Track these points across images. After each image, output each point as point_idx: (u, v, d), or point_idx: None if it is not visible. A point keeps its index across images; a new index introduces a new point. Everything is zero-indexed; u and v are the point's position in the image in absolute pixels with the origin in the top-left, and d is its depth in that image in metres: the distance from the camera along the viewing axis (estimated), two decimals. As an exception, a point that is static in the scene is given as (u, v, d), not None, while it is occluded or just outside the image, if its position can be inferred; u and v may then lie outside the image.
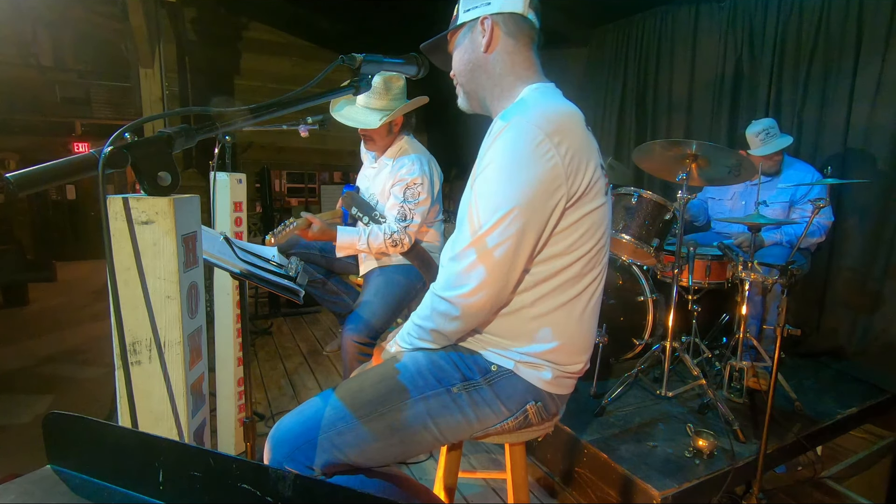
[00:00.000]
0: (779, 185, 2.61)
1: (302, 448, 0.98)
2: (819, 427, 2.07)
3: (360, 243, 2.03)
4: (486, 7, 1.06)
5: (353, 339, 1.90)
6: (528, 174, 0.92)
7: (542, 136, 0.91)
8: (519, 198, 0.92)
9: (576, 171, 0.94)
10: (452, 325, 1.01)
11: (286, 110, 0.82)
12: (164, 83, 4.07)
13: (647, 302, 2.48)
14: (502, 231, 0.92)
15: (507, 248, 0.93)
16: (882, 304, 2.58)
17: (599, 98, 4.06)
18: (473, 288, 0.95)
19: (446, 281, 0.99)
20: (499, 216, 0.92)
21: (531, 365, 1.02)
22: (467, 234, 0.96)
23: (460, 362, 1.04)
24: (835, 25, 2.70)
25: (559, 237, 0.97)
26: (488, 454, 2.13)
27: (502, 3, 1.06)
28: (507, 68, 1.07)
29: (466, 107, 1.17)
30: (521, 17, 1.07)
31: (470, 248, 0.95)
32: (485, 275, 0.94)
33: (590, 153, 0.98)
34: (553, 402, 1.07)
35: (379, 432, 0.99)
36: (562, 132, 0.93)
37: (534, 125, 0.92)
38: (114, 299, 0.68)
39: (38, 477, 0.49)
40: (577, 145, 0.94)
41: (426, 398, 1.01)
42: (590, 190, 0.97)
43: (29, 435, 2.30)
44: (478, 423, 1.03)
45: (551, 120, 0.94)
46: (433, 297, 1.02)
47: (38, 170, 0.58)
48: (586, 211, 0.97)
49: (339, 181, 5.73)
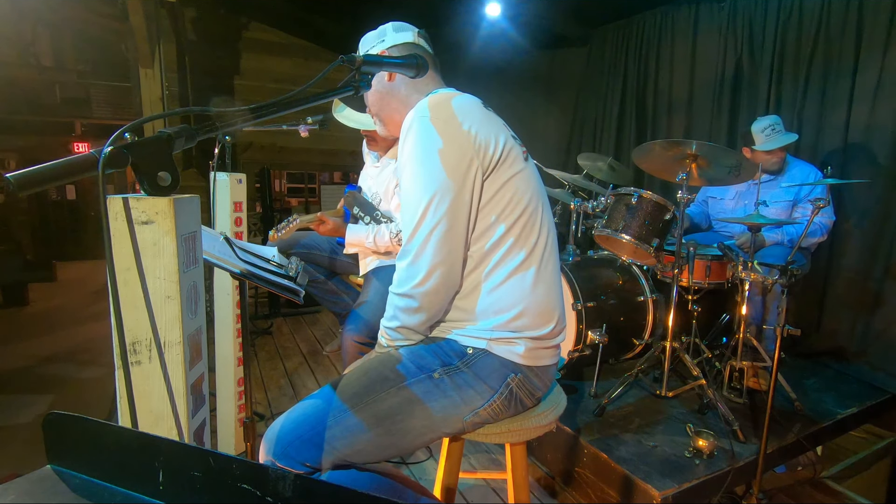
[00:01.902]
0: (781, 184, 2.61)
1: (294, 444, 1.00)
2: (819, 427, 2.07)
3: (367, 241, 2.05)
4: (381, 44, 1.23)
5: (353, 338, 1.90)
6: (440, 158, 1.01)
7: (442, 123, 1.01)
8: (438, 180, 1.00)
9: (484, 143, 1.03)
10: (415, 317, 1.07)
11: (286, 110, 0.82)
12: (164, 83, 4.08)
13: (647, 302, 2.48)
14: (433, 214, 1.01)
15: (442, 228, 1.01)
16: (882, 304, 2.58)
17: (599, 98, 4.06)
18: (424, 275, 1.02)
19: (399, 278, 1.07)
20: (425, 203, 1.01)
21: (503, 341, 1.06)
22: (407, 229, 1.05)
23: (438, 350, 1.09)
24: (835, 25, 2.70)
25: (488, 209, 1.05)
26: (488, 454, 2.13)
27: (394, 38, 1.23)
28: (410, 88, 1.21)
29: (385, 133, 1.29)
30: (412, 45, 1.23)
31: (411, 240, 1.03)
32: (431, 259, 1.01)
33: (495, 127, 1.08)
34: (536, 375, 1.10)
35: (365, 423, 1.01)
36: (460, 114, 1.03)
37: (433, 116, 1.02)
38: (114, 299, 0.68)
39: (38, 477, 0.49)
40: (478, 121, 1.04)
41: (408, 385, 1.04)
42: (504, 158, 1.05)
43: (29, 435, 2.30)
44: (465, 406, 1.05)
45: (447, 107, 1.04)
46: (392, 297, 1.09)
47: (38, 170, 0.58)
48: (506, 178, 1.06)
49: (340, 181, 5.73)
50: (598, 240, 2.44)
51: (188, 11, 4.44)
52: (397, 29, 1.24)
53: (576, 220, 2.65)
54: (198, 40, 4.53)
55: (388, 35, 1.23)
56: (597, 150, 3.98)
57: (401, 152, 1.06)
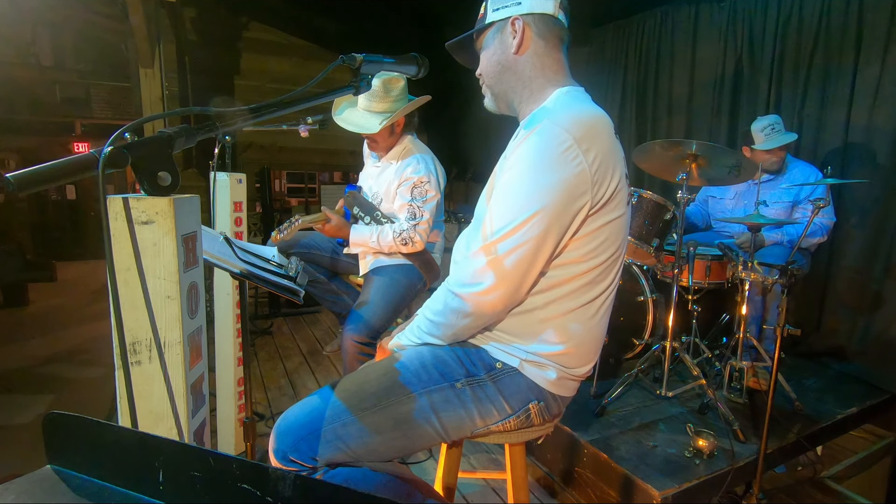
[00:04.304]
0: (781, 184, 2.61)
1: (306, 439, 0.98)
2: (819, 427, 2.07)
3: (371, 241, 2.05)
4: (517, 7, 1.03)
5: (353, 338, 1.90)
6: (553, 178, 0.91)
7: (570, 141, 0.90)
8: (543, 201, 0.91)
9: (602, 178, 0.93)
10: (464, 321, 1.01)
11: (286, 110, 0.82)
12: (164, 83, 4.07)
13: (647, 302, 2.48)
14: (524, 233, 0.92)
15: (526, 250, 0.92)
16: (882, 304, 2.58)
17: (599, 98, 3.99)
18: (488, 287, 0.94)
19: (462, 278, 0.99)
20: (522, 218, 0.92)
21: (536, 364, 1.03)
22: (488, 232, 0.95)
23: (465, 358, 1.04)
24: (835, 25, 2.70)
25: (578, 243, 0.97)
26: (488, 454, 2.13)
27: (532, 4, 1.03)
28: (537, 70, 1.06)
29: (493, 108, 1.15)
30: (552, 18, 1.05)
31: (489, 247, 0.94)
32: (501, 275, 0.94)
33: (616, 161, 0.97)
34: (555, 402, 1.07)
35: (382, 425, 1.00)
36: (590, 138, 0.92)
37: (563, 129, 0.91)
38: (114, 299, 0.68)
39: (38, 477, 0.49)
40: (604, 152, 0.93)
41: (429, 392, 1.01)
42: (613, 198, 0.96)
43: (29, 435, 2.30)
44: (480, 420, 1.03)
45: (581, 125, 0.92)
46: (447, 293, 1.01)
47: (38, 170, 0.58)
48: (608, 220, 0.97)
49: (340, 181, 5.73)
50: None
51: (188, 11, 4.44)
52: None
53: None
54: (198, 40, 4.53)
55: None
56: (597, 150, 3.97)
57: (517, 147, 0.96)
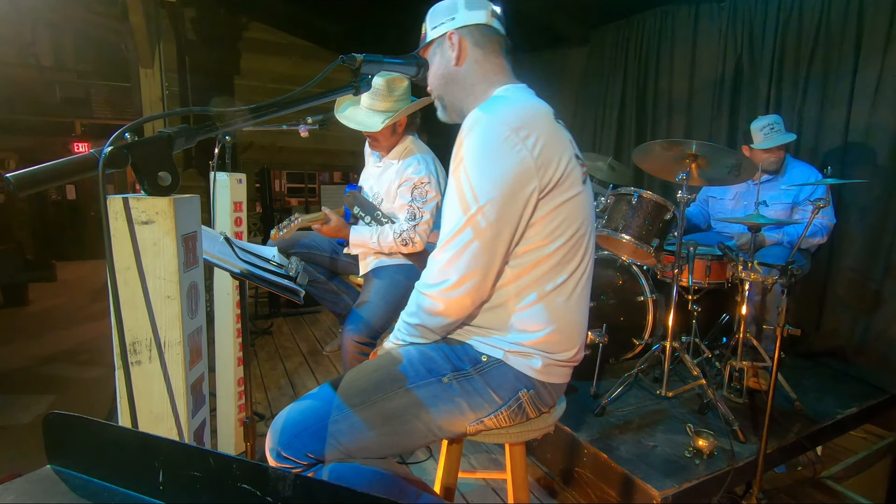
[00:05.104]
0: (781, 185, 2.61)
1: (300, 436, 1.00)
2: (819, 427, 2.07)
3: (371, 242, 2.05)
4: (452, 22, 1.11)
5: (353, 338, 1.90)
6: (497, 169, 0.95)
7: (507, 132, 0.95)
8: (490, 193, 0.95)
9: (547, 162, 0.97)
10: (437, 319, 1.04)
11: (286, 110, 0.83)
12: (164, 83, 4.08)
13: (647, 302, 2.48)
14: (477, 226, 0.96)
15: (482, 242, 0.96)
16: (882, 304, 2.58)
17: (599, 98, 4.06)
18: (454, 282, 0.98)
19: (428, 278, 1.03)
20: (473, 210, 0.96)
21: (520, 354, 1.04)
22: (446, 231, 1.00)
23: (451, 353, 1.07)
24: (835, 25, 2.70)
25: (535, 228, 1.00)
26: (488, 454, 2.13)
27: (466, 17, 1.11)
28: (478, 77, 1.12)
29: (446, 118, 1.21)
30: (486, 27, 1.12)
31: (449, 243, 0.99)
32: (464, 269, 0.98)
33: (561, 145, 1.01)
34: (546, 391, 1.08)
35: (371, 421, 1.01)
36: (528, 126, 0.96)
37: (499, 121, 0.95)
38: (114, 299, 0.68)
39: (38, 477, 0.49)
40: (545, 138, 0.97)
41: (417, 387, 1.03)
42: (564, 180, 1.00)
43: (29, 435, 2.30)
44: (471, 413, 1.04)
45: (517, 115, 0.97)
46: (417, 294, 1.06)
47: (38, 170, 0.58)
48: (561, 201, 1.00)
49: (340, 181, 5.73)
50: (598, 240, 2.44)
51: (188, 11, 4.44)
52: (470, 6, 1.12)
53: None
54: (198, 40, 4.53)
55: (459, 12, 1.12)
56: (597, 150, 3.98)
57: (459, 146, 1.00)
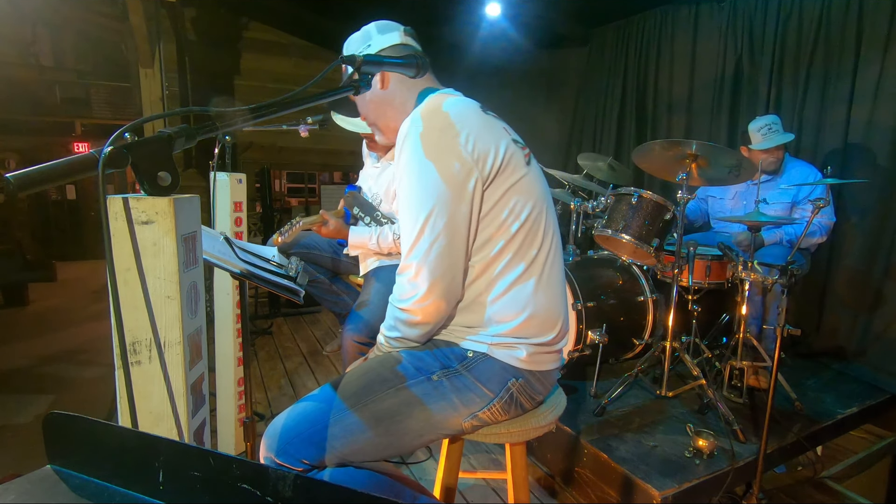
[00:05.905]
0: (780, 185, 2.61)
1: (293, 442, 1.00)
2: (819, 427, 2.07)
3: (370, 243, 2.04)
4: (368, 49, 1.16)
5: (353, 338, 1.90)
6: (434, 171, 0.97)
7: (437, 134, 0.98)
8: (434, 195, 0.97)
9: (483, 153, 0.99)
10: (416, 330, 1.06)
11: (286, 110, 0.82)
12: (164, 83, 4.08)
13: (647, 302, 2.48)
14: (431, 230, 0.98)
15: (441, 243, 0.98)
16: (882, 304, 2.58)
17: (599, 98, 4.06)
18: (425, 292, 1.00)
19: (400, 292, 1.05)
20: (423, 217, 0.98)
21: (504, 345, 1.05)
22: (405, 242, 1.02)
23: (438, 353, 1.08)
24: (835, 25, 2.70)
25: (489, 217, 1.02)
26: (488, 454, 2.13)
27: (380, 41, 1.16)
28: (406, 94, 1.16)
29: (384, 140, 1.23)
30: (402, 46, 1.17)
31: (410, 254, 1.01)
32: (431, 275, 0.99)
33: (494, 134, 1.03)
34: (536, 379, 1.09)
35: (364, 423, 1.01)
36: (457, 122, 0.99)
37: (427, 127, 0.98)
38: (114, 299, 0.68)
39: (38, 477, 0.49)
40: (476, 131, 1.00)
41: (407, 387, 1.03)
42: (505, 167, 1.02)
43: (29, 435, 2.30)
44: (464, 408, 1.04)
45: (442, 117, 1.00)
46: (393, 309, 1.07)
47: (38, 170, 0.58)
48: (507, 186, 1.02)
49: (340, 181, 5.73)
50: (598, 240, 2.44)
51: (188, 11, 4.44)
52: (382, 30, 1.18)
53: (576, 220, 2.65)
54: (198, 40, 4.53)
55: (373, 38, 1.17)
56: (597, 150, 3.98)
57: (397, 163, 1.03)
